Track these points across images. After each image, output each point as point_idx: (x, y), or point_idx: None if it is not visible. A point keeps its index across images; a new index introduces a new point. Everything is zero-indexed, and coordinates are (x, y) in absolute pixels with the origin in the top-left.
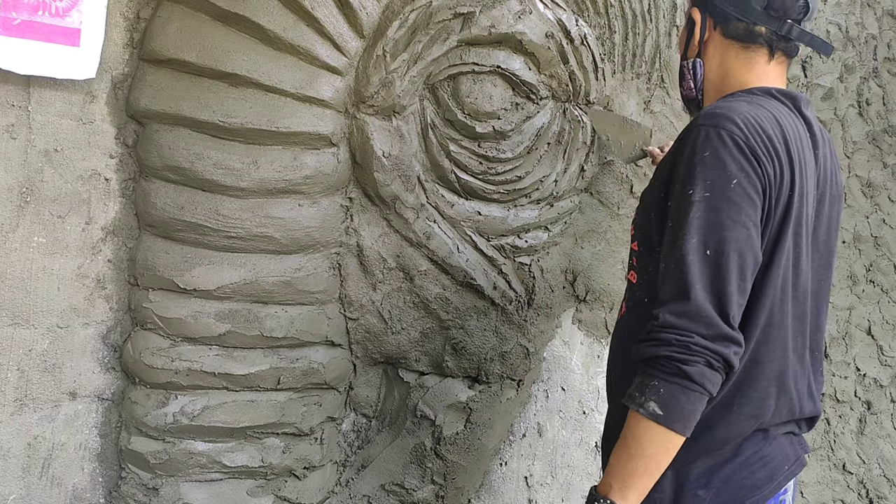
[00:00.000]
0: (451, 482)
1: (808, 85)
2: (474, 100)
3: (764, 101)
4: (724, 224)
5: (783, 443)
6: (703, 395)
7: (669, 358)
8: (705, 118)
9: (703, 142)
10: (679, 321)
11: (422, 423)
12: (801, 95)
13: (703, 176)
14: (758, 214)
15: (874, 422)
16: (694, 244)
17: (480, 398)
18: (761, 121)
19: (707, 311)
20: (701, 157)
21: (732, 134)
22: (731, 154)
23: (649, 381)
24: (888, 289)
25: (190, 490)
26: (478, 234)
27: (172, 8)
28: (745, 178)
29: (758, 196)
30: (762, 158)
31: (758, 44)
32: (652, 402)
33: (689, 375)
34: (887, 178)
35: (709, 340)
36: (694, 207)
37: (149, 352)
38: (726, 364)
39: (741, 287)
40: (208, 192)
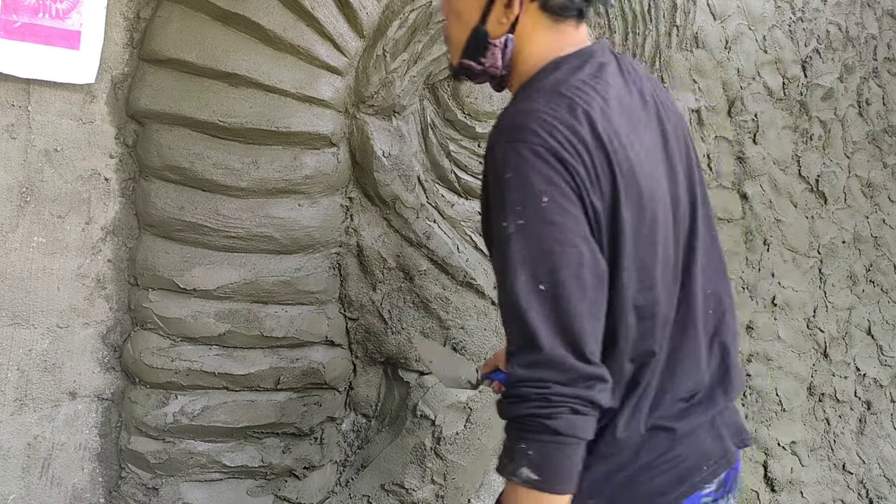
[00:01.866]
0: (451, 482)
1: (808, 85)
2: (474, 100)
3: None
4: (552, 250)
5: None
6: (578, 444)
7: (531, 416)
8: (500, 134)
9: (504, 163)
10: (532, 373)
11: (422, 423)
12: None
13: (511, 202)
14: (583, 225)
15: (874, 422)
16: (524, 283)
17: (480, 398)
18: (561, 114)
19: (559, 356)
20: (505, 180)
21: (531, 145)
22: (534, 168)
23: (517, 444)
24: (888, 289)
25: (190, 490)
26: (478, 233)
27: (172, 8)
28: (556, 190)
29: (575, 206)
30: (568, 159)
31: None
32: (524, 468)
33: (556, 430)
34: (887, 178)
35: (568, 387)
36: (512, 242)
37: (149, 352)
38: (594, 406)
39: (590, 313)
40: (208, 192)
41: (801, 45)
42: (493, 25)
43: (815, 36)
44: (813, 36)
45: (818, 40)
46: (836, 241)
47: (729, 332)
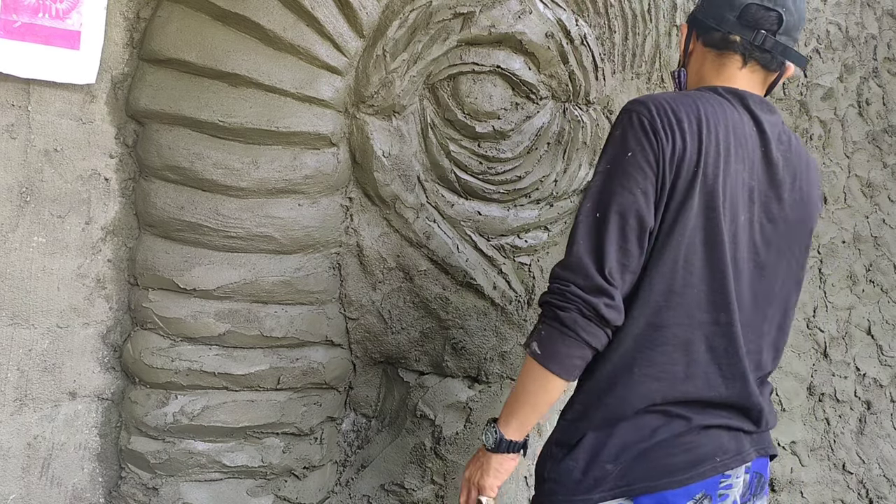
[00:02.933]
0: (451, 482)
1: (809, 85)
2: (474, 100)
3: (698, 93)
4: (614, 190)
5: (719, 435)
6: (578, 341)
7: (549, 304)
8: (628, 104)
9: (617, 124)
10: (562, 272)
11: (422, 423)
12: (754, 96)
13: (609, 152)
14: (649, 182)
15: (874, 422)
16: (588, 208)
17: (480, 398)
18: (674, 105)
19: (584, 264)
20: (613, 135)
21: (640, 115)
22: (633, 131)
23: (537, 325)
24: (888, 289)
25: (190, 490)
26: (478, 234)
27: (172, 8)
28: (640, 150)
29: (650, 167)
30: (661, 134)
31: (731, 51)
32: (535, 342)
33: (562, 320)
34: (887, 178)
35: (583, 290)
36: (597, 178)
37: (149, 352)
38: (597, 314)
39: (622, 246)
40: (208, 192)
41: (801, 45)
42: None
43: (814, 36)
44: (813, 36)
45: (818, 40)
46: (836, 241)
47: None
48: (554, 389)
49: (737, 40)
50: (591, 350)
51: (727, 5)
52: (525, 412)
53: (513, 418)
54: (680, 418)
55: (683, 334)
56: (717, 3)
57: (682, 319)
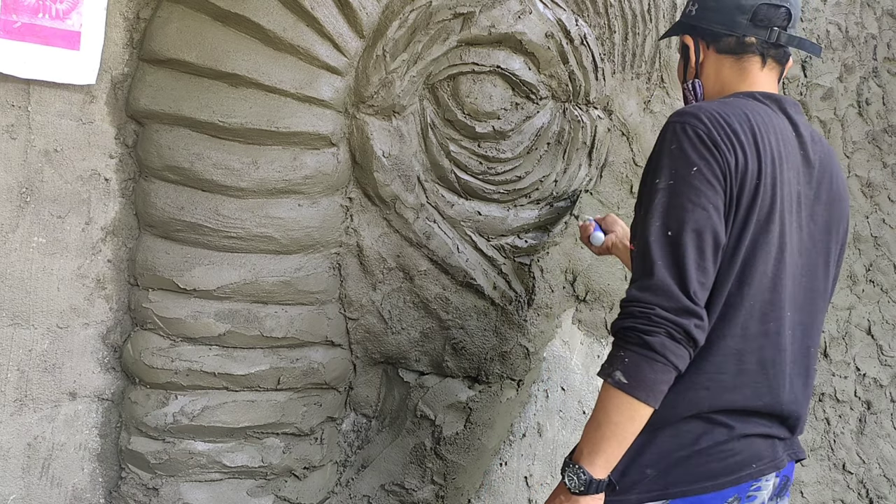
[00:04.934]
0: (451, 482)
1: (808, 84)
2: (474, 100)
3: (740, 101)
4: (685, 206)
5: (756, 443)
6: (667, 365)
7: (633, 329)
8: (674, 116)
9: (670, 136)
10: (642, 295)
11: (422, 423)
12: (787, 99)
13: (668, 166)
14: (719, 197)
15: (874, 422)
16: (657, 227)
17: (480, 398)
18: (726, 115)
19: (667, 285)
20: (668, 149)
21: (696, 127)
22: (692, 144)
23: (617, 352)
24: (888, 289)
25: (190, 490)
26: (478, 234)
27: (172, 8)
28: (706, 164)
29: (718, 181)
30: (722, 147)
31: (749, 53)
32: (618, 371)
33: (651, 346)
34: (887, 178)
35: (670, 312)
36: (659, 195)
37: (149, 352)
38: (687, 336)
39: (700, 264)
40: (208, 192)
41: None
42: (687, 76)
43: (814, 36)
44: (813, 36)
45: (818, 40)
46: None
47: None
48: (642, 418)
49: (753, 42)
50: (677, 372)
51: (737, 10)
52: (612, 447)
53: (598, 455)
54: (722, 426)
55: (736, 345)
56: (724, 9)
57: (736, 331)
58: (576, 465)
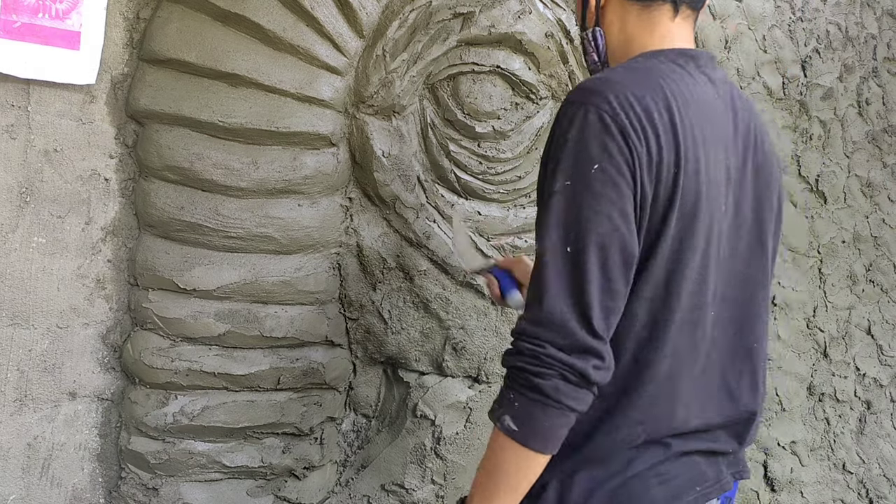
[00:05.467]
0: (451, 482)
1: (808, 84)
2: (474, 100)
3: (653, 66)
4: (586, 216)
5: (697, 463)
6: (563, 410)
7: (522, 369)
8: (577, 94)
9: (569, 122)
10: (533, 329)
11: (422, 423)
12: (702, 53)
13: (564, 161)
14: (626, 201)
15: (874, 422)
16: (553, 241)
17: (480, 398)
18: (638, 92)
19: (561, 319)
20: (564, 139)
21: (600, 111)
22: (594, 134)
23: (507, 393)
24: (888, 289)
25: (190, 490)
26: (478, 234)
27: (172, 8)
28: (609, 160)
29: (625, 180)
30: (632, 136)
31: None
32: (507, 416)
33: (543, 390)
34: (887, 178)
35: (563, 352)
36: (554, 199)
37: (148, 352)
38: (584, 378)
39: (606, 286)
40: (208, 192)
41: (800, 45)
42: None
43: (814, 36)
44: (813, 36)
45: (818, 40)
46: (836, 240)
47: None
48: (537, 467)
49: None
50: (577, 414)
51: None
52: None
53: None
54: (656, 445)
55: (667, 368)
56: None
57: (668, 351)
58: None
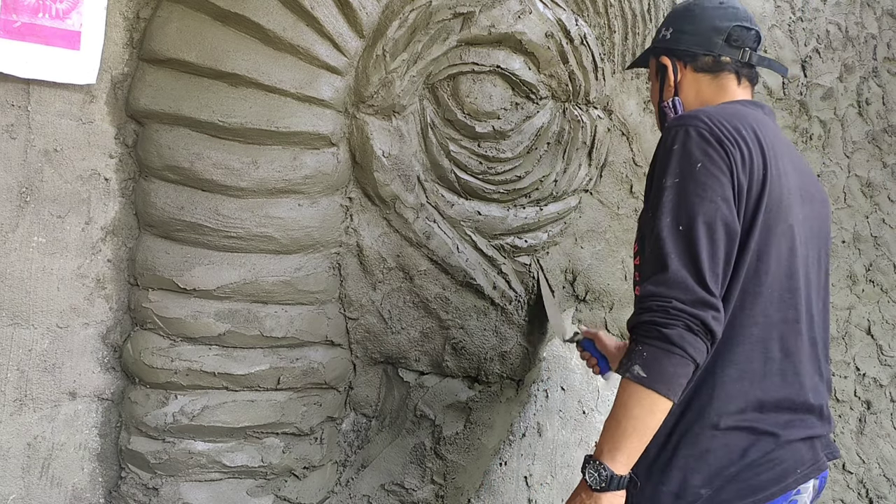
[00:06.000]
0: (450, 482)
1: (808, 85)
2: (474, 99)
3: (732, 105)
4: (692, 201)
5: (799, 448)
6: (685, 358)
7: (651, 322)
8: (673, 121)
9: (672, 139)
10: (658, 289)
11: (422, 422)
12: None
13: (672, 165)
14: (726, 189)
15: (874, 421)
16: (668, 223)
17: (480, 398)
18: (727, 116)
19: (682, 278)
20: (670, 150)
21: (697, 128)
22: (695, 143)
23: (635, 346)
24: (888, 288)
25: (190, 490)
26: (478, 233)
27: (172, 8)
28: (709, 160)
29: (724, 174)
30: (726, 143)
31: (725, 71)
32: (636, 365)
33: (669, 338)
34: (887, 178)
35: (686, 305)
36: (665, 193)
37: (148, 352)
38: (704, 327)
39: (714, 255)
40: (208, 192)
41: (800, 45)
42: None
43: (814, 35)
44: (813, 35)
45: (818, 40)
46: (836, 240)
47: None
48: (662, 413)
49: (728, 61)
50: (696, 366)
51: (714, 31)
52: (633, 442)
53: (620, 451)
54: (768, 436)
55: (759, 333)
56: (702, 31)
57: (759, 319)
58: (596, 462)
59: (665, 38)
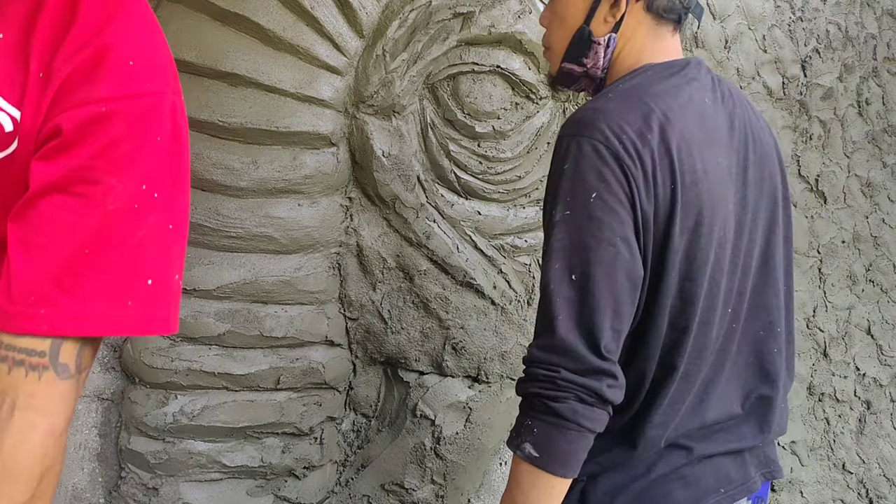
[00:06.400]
0: (450, 482)
1: (808, 84)
2: (474, 99)
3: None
4: (588, 244)
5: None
6: (582, 432)
7: (538, 395)
8: (570, 127)
9: (564, 154)
10: (545, 356)
11: (422, 422)
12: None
13: (563, 193)
14: (626, 227)
15: (874, 421)
16: (557, 270)
17: (480, 398)
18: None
19: (572, 345)
20: (561, 171)
21: (594, 141)
22: (590, 164)
23: (524, 420)
24: (888, 288)
25: (190, 490)
26: (478, 233)
27: (172, 8)
28: (606, 188)
29: (623, 207)
30: (625, 161)
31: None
32: (527, 443)
33: (560, 413)
34: (887, 178)
35: (577, 374)
36: (556, 229)
37: (148, 351)
38: (599, 397)
39: (614, 310)
40: (208, 192)
41: (800, 45)
42: (598, 24)
43: (814, 35)
44: (813, 35)
45: (818, 40)
46: (836, 240)
47: (778, 370)
48: (561, 492)
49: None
50: (594, 435)
51: None
52: None
53: None
54: (678, 449)
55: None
56: None
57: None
58: None
59: None
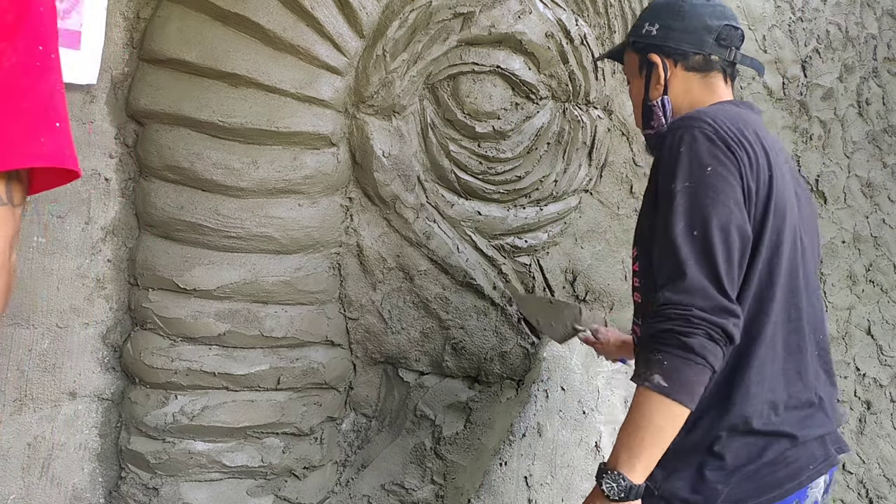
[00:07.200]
0: (450, 482)
1: (808, 84)
2: (474, 100)
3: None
4: (705, 205)
5: (812, 446)
6: (705, 367)
7: (671, 331)
8: (679, 122)
9: (678, 142)
10: (677, 296)
11: (422, 423)
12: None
13: (682, 169)
14: (737, 193)
15: (874, 421)
16: (681, 228)
17: (480, 398)
18: (728, 118)
19: (702, 285)
20: (677, 153)
21: (703, 130)
22: (703, 146)
23: (654, 356)
24: (888, 289)
25: (190, 490)
26: (478, 233)
27: (172, 7)
28: (718, 163)
29: (734, 178)
30: (733, 146)
31: (715, 70)
32: (657, 374)
33: (691, 347)
34: (887, 178)
35: (707, 312)
36: (677, 197)
37: (148, 352)
38: (725, 335)
39: (730, 260)
40: (208, 192)
41: (800, 45)
42: (653, 93)
43: (814, 36)
44: (813, 36)
45: (818, 40)
46: (836, 241)
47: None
48: (681, 420)
49: (717, 60)
50: (713, 372)
51: (705, 30)
52: (652, 452)
53: (639, 461)
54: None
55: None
56: (693, 29)
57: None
58: (614, 472)
59: (651, 34)
